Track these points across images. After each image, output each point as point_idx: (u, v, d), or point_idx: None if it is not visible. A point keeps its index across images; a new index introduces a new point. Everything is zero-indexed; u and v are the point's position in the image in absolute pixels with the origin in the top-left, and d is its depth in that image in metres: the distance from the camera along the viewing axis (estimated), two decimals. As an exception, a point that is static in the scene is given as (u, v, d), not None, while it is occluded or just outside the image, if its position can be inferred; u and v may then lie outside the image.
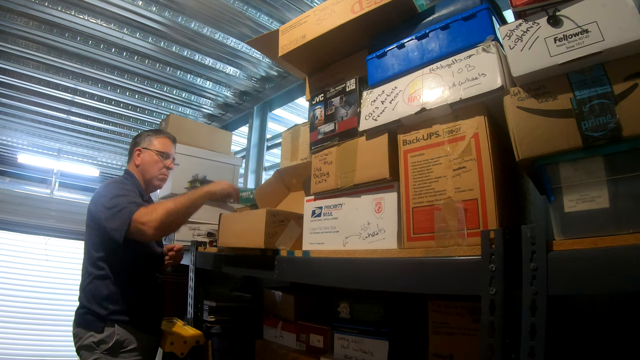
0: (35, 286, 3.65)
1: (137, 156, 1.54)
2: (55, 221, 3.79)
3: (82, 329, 1.25)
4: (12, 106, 3.01)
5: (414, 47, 0.91)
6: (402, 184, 0.84)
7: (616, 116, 0.57)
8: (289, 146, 1.49)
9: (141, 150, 1.54)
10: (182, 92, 2.84)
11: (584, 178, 0.60)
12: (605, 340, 0.86)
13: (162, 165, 1.56)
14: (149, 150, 1.54)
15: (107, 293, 1.27)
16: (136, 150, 1.55)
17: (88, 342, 1.22)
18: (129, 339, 1.25)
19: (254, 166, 2.92)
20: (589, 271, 0.53)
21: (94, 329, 1.23)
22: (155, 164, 1.54)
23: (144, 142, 1.56)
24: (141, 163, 1.53)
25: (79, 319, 1.28)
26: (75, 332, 1.27)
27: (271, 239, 1.13)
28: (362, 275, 0.84)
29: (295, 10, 1.90)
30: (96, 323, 1.24)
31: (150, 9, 1.95)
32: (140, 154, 1.54)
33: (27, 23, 2.05)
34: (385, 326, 1.04)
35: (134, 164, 1.54)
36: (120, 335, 1.24)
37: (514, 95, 0.67)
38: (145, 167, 1.53)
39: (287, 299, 1.36)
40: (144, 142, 1.56)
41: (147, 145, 1.55)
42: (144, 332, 1.31)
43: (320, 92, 1.15)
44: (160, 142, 1.57)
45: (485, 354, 0.61)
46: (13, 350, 3.46)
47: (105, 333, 1.23)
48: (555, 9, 0.66)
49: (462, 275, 0.67)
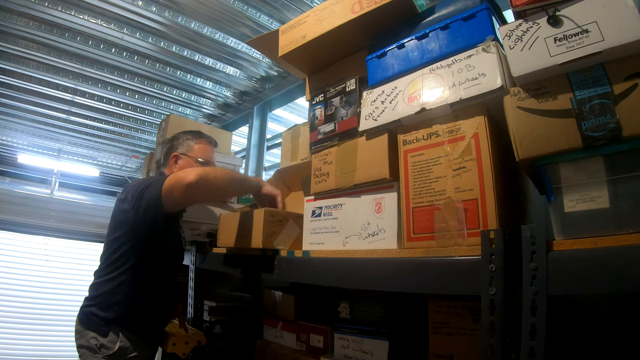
0: (35, 286, 3.65)
1: (174, 163, 1.40)
2: (55, 221, 3.79)
3: (85, 328, 1.20)
4: (12, 106, 3.01)
5: (414, 47, 0.91)
6: (402, 184, 0.84)
7: (616, 116, 0.57)
8: (289, 146, 1.49)
9: (179, 157, 1.40)
10: (182, 92, 2.83)
11: (584, 178, 0.60)
12: (605, 340, 0.86)
13: None
14: (188, 157, 1.40)
15: (119, 298, 1.20)
16: (173, 155, 1.41)
17: (90, 343, 1.18)
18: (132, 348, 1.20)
19: (254, 166, 2.92)
20: (589, 271, 0.53)
21: (97, 331, 1.18)
22: None
23: (182, 146, 1.43)
24: (179, 170, 1.36)
25: (84, 317, 1.23)
26: (77, 329, 1.23)
27: (269, 239, 1.13)
28: (362, 275, 0.84)
29: (295, 10, 1.90)
30: (101, 325, 1.19)
31: (150, 9, 1.95)
32: (179, 160, 1.40)
33: (27, 23, 2.05)
34: (386, 326, 1.04)
35: (171, 172, 1.37)
36: (124, 343, 1.18)
37: (514, 95, 0.67)
38: None
39: (287, 299, 1.36)
40: (182, 147, 1.43)
41: (186, 151, 1.42)
42: (146, 342, 1.26)
43: (320, 92, 1.15)
44: (201, 149, 1.44)
45: (486, 354, 0.61)
46: (13, 350, 3.46)
47: (108, 338, 1.17)
48: (555, 9, 0.66)
49: (462, 275, 0.67)
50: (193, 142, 1.44)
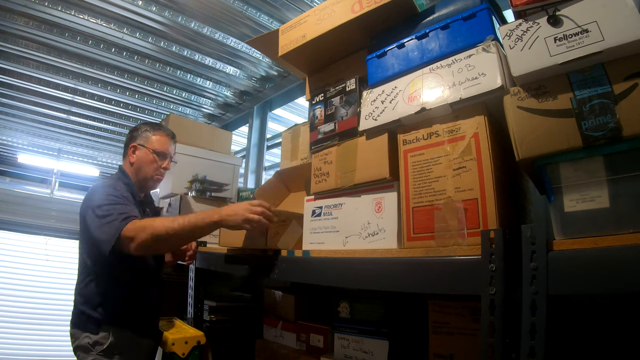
0: (36, 286, 3.65)
1: (131, 153, 1.42)
2: (55, 221, 3.79)
3: (78, 329, 1.24)
4: (12, 106, 3.01)
5: (414, 47, 0.91)
6: (402, 184, 0.84)
7: (616, 116, 0.57)
8: (289, 146, 1.49)
9: (137, 147, 1.42)
10: (182, 92, 2.84)
11: (584, 178, 0.60)
12: (605, 340, 0.86)
13: (158, 166, 1.43)
14: (145, 148, 1.42)
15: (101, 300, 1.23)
16: (131, 146, 1.43)
17: (84, 343, 1.21)
18: (124, 342, 1.23)
19: (254, 166, 2.92)
20: (589, 271, 0.53)
21: (89, 330, 1.22)
22: (150, 163, 1.41)
23: (140, 137, 1.44)
24: (136, 161, 1.41)
25: (75, 319, 1.27)
26: (71, 333, 1.26)
27: (273, 240, 1.13)
28: (362, 275, 0.84)
29: (295, 10, 1.90)
30: (91, 325, 1.22)
31: (150, 9, 1.95)
32: (136, 150, 1.42)
33: (27, 23, 2.05)
34: (386, 326, 1.04)
35: (128, 162, 1.42)
36: (115, 338, 1.22)
37: (514, 95, 0.67)
38: (140, 166, 1.41)
39: (288, 299, 1.36)
40: (140, 138, 1.44)
41: (144, 142, 1.43)
42: (139, 335, 1.29)
43: (320, 92, 1.15)
44: (158, 140, 1.45)
45: (486, 353, 0.61)
46: (13, 350, 3.46)
47: (100, 335, 1.21)
48: (555, 9, 0.66)
49: (462, 275, 0.67)
50: (151, 134, 1.45)
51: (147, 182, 1.44)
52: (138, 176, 1.41)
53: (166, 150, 1.46)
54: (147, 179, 1.43)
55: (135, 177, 1.41)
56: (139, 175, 1.41)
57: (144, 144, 1.43)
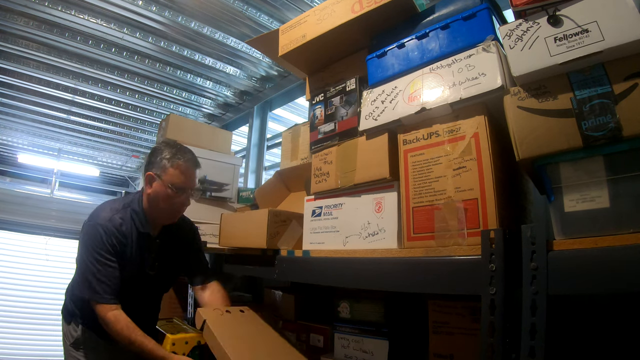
0: (36, 286, 3.65)
1: (147, 183, 1.22)
2: (55, 221, 3.79)
3: (63, 319, 1.31)
4: (12, 106, 3.01)
5: (414, 47, 0.91)
6: (402, 184, 0.84)
7: (616, 116, 0.57)
8: (289, 146, 1.50)
9: (153, 177, 1.21)
10: (182, 92, 2.83)
11: (584, 178, 0.60)
12: (605, 340, 0.86)
13: (175, 202, 1.22)
14: (161, 180, 1.20)
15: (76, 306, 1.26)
16: (147, 174, 1.22)
17: (65, 330, 1.29)
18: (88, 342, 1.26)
19: (254, 166, 2.92)
20: (589, 271, 0.53)
21: (67, 320, 1.29)
22: (166, 199, 1.20)
23: (156, 165, 1.21)
24: (152, 193, 1.21)
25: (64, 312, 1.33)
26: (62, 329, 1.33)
27: (273, 239, 1.13)
28: (362, 275, 0.84)
29: (295, 10, 1.90)
30: (68, 316, 1.28)
31: (150, 9, 1.95)
32: (152, 182, 1.21)
33: (27, 23, 2.05)
34: (386, 326, 1.04)
35: (146, 189, 1.23)
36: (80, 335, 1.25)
37: (514, 95, 0.67)
38: (155, 199, 1.21)
39: (288, 299, 1.36)
40: (156, 166, 1.21)
41: (160, 172, 1.20)
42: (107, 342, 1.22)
43: (320, 92, 1.15)
44: (176, 173, 1.20)
45: (486, 353, 0.61)
46: (13, 350, 3.47)
47: (71, 326, 1.26)
48: (555, 9, 0.66)
49: (462, 275, 0.67)
50: (169, 164, 1.21)
51: (161, 219, 1.27)
52: (152, 209, 1.24)
53: (185, 184, 1.23)
54: (161, 217, 1.26)
55: (149, 208, 1.24)
56: (152, 208, 1.23)
57: (160, 175, 1.21)
